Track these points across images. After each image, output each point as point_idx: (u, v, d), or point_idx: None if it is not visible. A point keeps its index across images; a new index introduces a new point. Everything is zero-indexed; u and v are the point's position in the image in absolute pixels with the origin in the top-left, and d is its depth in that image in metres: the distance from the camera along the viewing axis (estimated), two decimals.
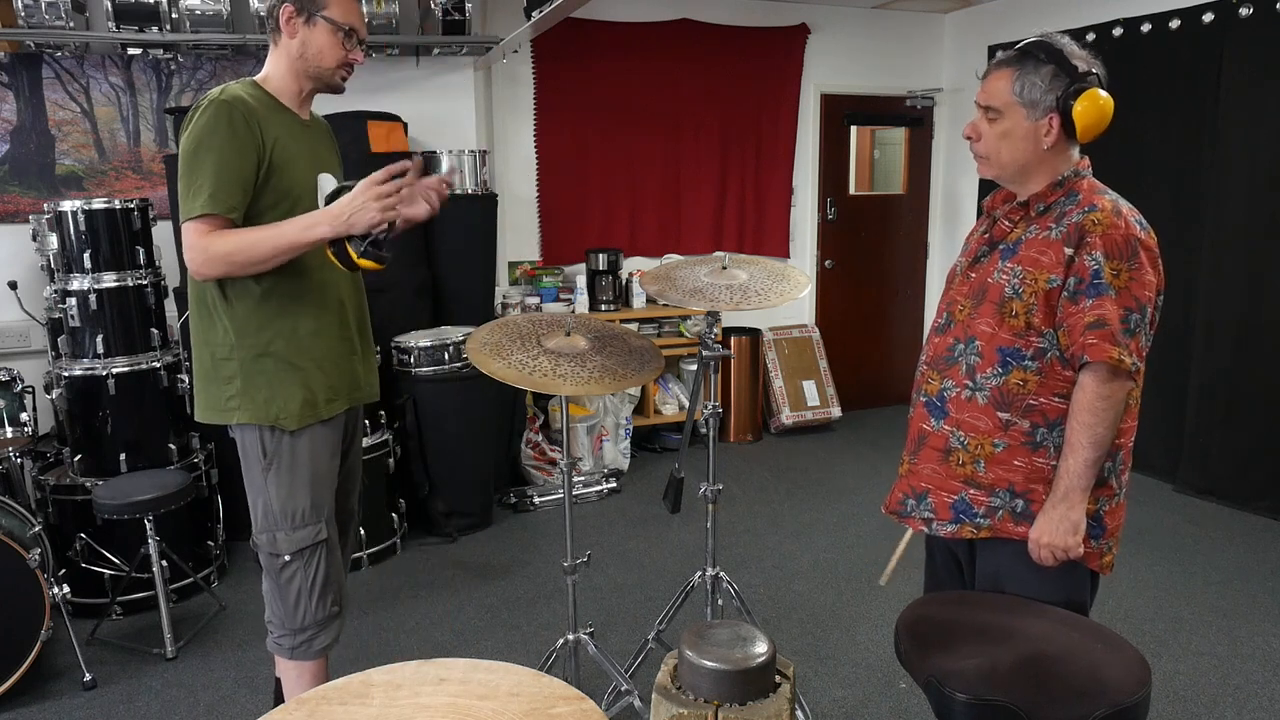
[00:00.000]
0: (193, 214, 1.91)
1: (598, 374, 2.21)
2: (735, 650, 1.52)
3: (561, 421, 2.49)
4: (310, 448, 2.11)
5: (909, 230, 6.34)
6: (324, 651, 2.19)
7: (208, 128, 1.94)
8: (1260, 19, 4.16)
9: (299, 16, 2.04)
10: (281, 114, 2.08)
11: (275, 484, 2.10)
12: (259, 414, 2.06)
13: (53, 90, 4.13)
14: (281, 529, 2.11)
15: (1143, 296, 1.70)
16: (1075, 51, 1.75)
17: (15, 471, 3.56)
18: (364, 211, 1.89)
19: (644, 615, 3.32)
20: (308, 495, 2.11)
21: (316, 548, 2.12)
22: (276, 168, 2.02)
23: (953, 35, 6.11)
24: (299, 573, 2.12)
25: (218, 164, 1.92)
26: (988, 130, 1.81)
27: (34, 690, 2.90)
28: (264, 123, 2.00)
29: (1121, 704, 1.44)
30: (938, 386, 1.88)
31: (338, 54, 2.08)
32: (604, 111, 5.34)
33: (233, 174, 1.93)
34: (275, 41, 2.09)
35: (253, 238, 1.93)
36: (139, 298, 3.42)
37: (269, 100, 2.07)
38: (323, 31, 2.05)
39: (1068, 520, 1.73)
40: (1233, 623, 3.26)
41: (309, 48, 2.06)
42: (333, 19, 2.05)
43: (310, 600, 2.13)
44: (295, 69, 2.09)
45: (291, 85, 2.11)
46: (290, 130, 2.08)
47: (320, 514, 2.13)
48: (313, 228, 1.92)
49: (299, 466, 2.10)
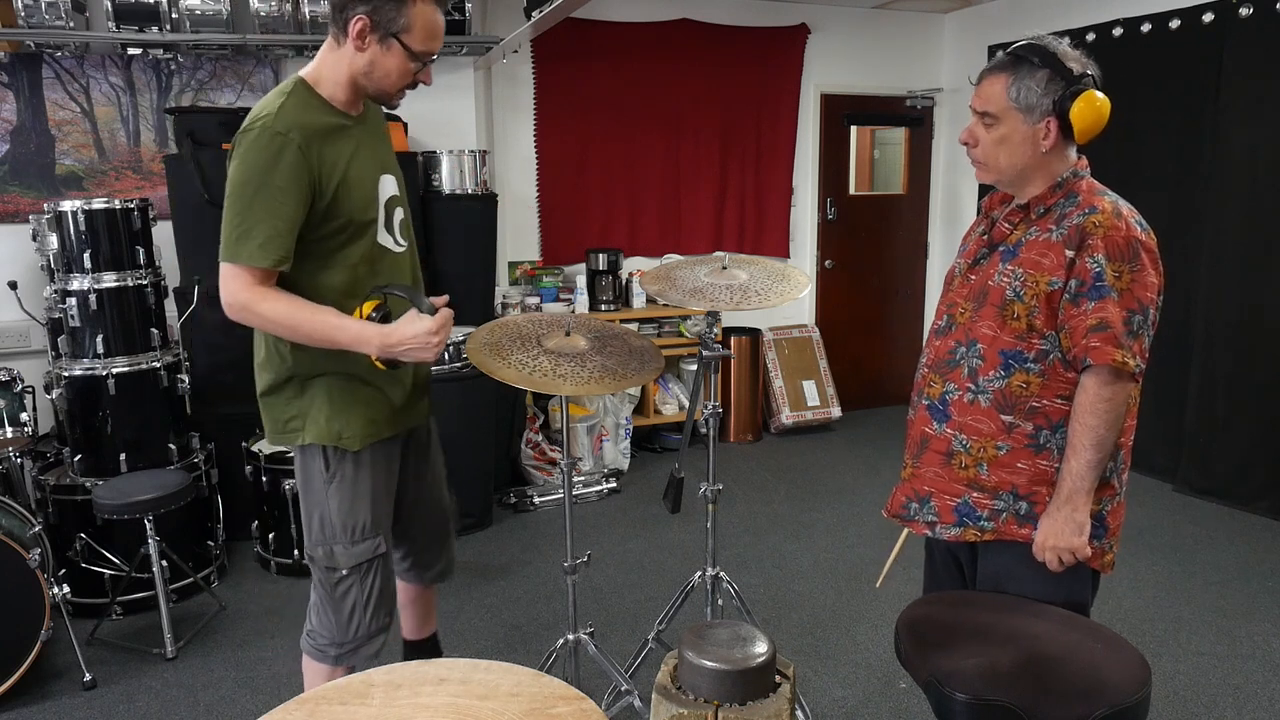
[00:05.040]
0: (239, 259, 1.84)
1: (598, 374, 2.21)
2: (735, 650, 1.52)
3: (561, 421, 2.49)
4: (372, 464, 2.06)
5: (909, 230, 6.35)
6: (373, 659, 2.09)
7: (262, 164, 1.81)
8: (1260, 19, 4.16)
9: (374, 34, 1.85)
10: (337, 122, 1.94)
11: (337, 498, 2.04)
12: (321, 434, 2.00)
13: (53, 90, 4.13)
14: (340, 543, 2.05)
15: (1145, 298, 1.70)
16: (1069, 53, 1.74)
17: (15, 471, 3.56)
18: (418, 353, 1.88)
19: (644, 615, 3.32)
20: (369, 510, 2.05)
21: (375, 562, 2.07)
22: (338, 194, 1.91)
23: (953, 35, 6.11)
24: (354, 587, 2.07)
25: (271, 209, 1.81)
26: (985, 136, 1.80)
27: (34, 690, 2.90)
28: (322, 148, 1.87)
29: (1121, 704, 1.45)
30: (940, 390, 1.88)
31: (406, 79, 1.93)
32: (604, 111, 5.34)
33: (287, 222, 1.83)
34: (338, 44, 1.90)
35: (302, 322, 1.86)
36: (139, 298, 3.41)
37: (324, 107, 1.92)
38: (396, 56, 1.88)
39: (1073, 522, 1.73)
40: (1233, 623, 3.26)
41: (377, 68, 1.89)
42: (410, 45, 1.87)
43: (365, 614, 2.09)
44: (357, 83, 1.93)
45: (347, 94, 1.95)
46: (350, 139, 1.95)
47: (380, 528, 2.08)
48: (362, 343, 1.87)
49: (361, 482, 2.05)
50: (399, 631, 2.50)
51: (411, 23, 1.84)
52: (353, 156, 1.95)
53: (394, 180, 2.08)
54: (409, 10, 1.83)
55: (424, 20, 1.86)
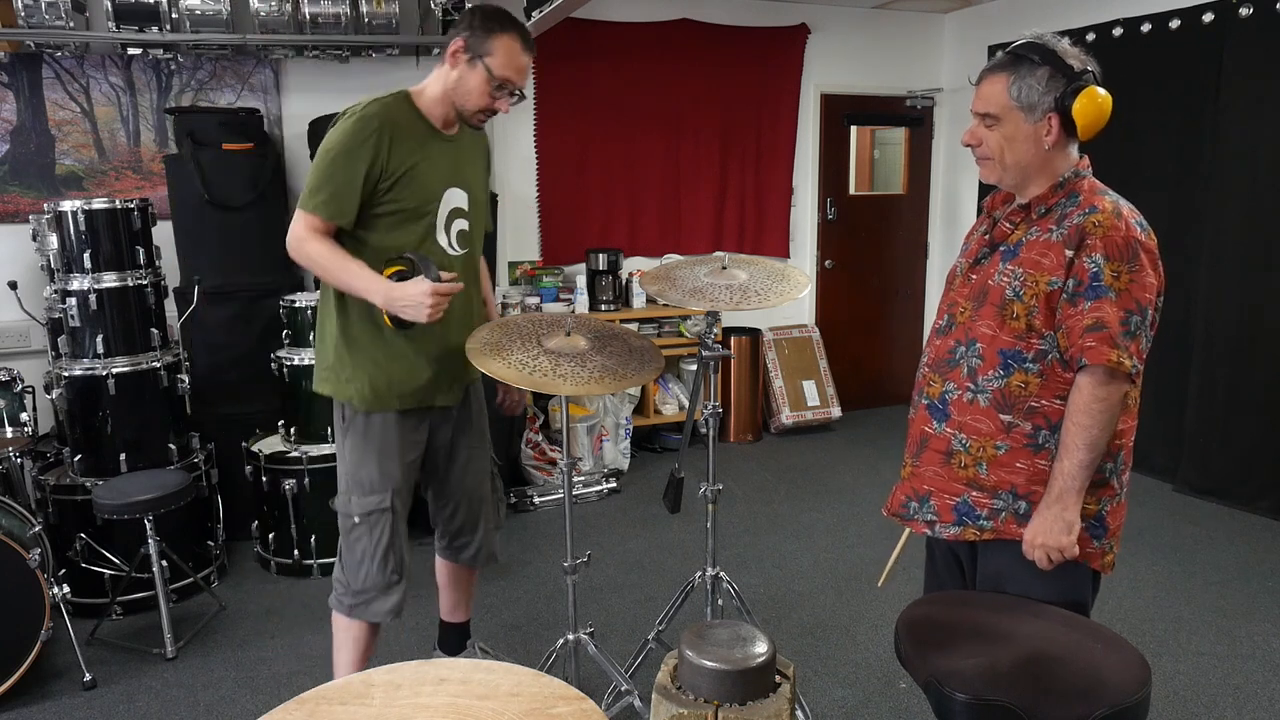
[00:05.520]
0: (307, 208, 2.14)
1: (598, 374, 2.21)
2: (735, 650, 1.52)
3: (561, 421, 2.49)
4: (383, 428, 2.30)
5: (909, 230, 6.35)
6: (382, 617, 2.35)
7: (343, 137, 2.13)
8: (1260, 19, 4.16)
9: (465, 53, 2.19)
10: (423, 131, 2.24)
11: (348, 451, 2.33)
12: (338, 390, 2.30)
13: (53, 90, 4.13)
14: (354, 492, 2.32)
15: (1143, 299, 1.69)
16: (1069, 50, 1.74)
17: (15, 471, 3.56)
18: (413, 310, 2.08)
19: (644, 615, 3.32)
20: (375, 467, 2.30)
21: (382, 514, 2.30)
22: (400, 184, 2.19)
23: (953, 35, 6.11)
24: (364, 536, 2.31)
25: (340, 175, 2.13)
26: (988, 136, 1.80)
27: (34, 690, 2.90)
28: (398, 140, 2.17)
29: (1121, 704, 1.45)
30: (939, 389, 1.88)
31: (484, 100, 2.22)
32: (604, 111, 5.34)
33: (352, 187, 2.14)
34: (441, 62, 2.24)
35: (332, 263, 2.14)
36: (139, 298, 3.42)
37: (415, 115, 2.24)
38: (479, 75, 2.19)
39: (1062, 520, 1.73)
40: (1233, 623, 3.26)
41: (462, 85, 2.21)
42: (491, 68, 2.18)
43: (372, 564, 2.32)
44: (446, 97, 2.24)
45: (440, 108, 2.26)
46: (427, 148, 2.24)
47: (387, 486, 2.30)
48: (369, 292, 2.13)
49: (370, 440, 2.30)
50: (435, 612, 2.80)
51: (495, 49, 2.17)
52: (426, 160, 2.24)
53: (464, 195, 2.35)
54: (495, 39, 2.17)
55: (506, 49, 2.18)
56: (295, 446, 3.74)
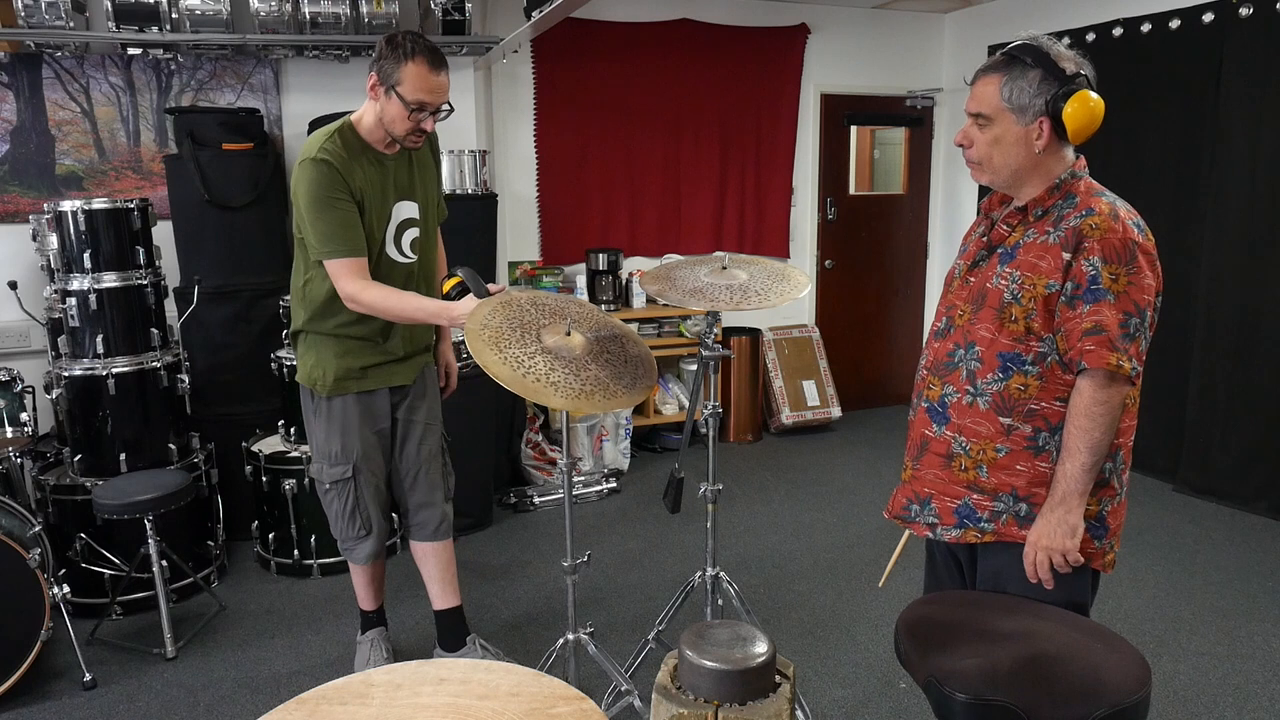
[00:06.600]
0: (330, 256, 2.41)
1: (589, 387, 2.15)
2: (735, 650, 1.52)
3: (561, 421, 2.49)
4: (343, 409, 2.62)
5: (909, 230, 6.34)
6: (362, 560, 2.77)
7: (320, 185, 2.38)
8: (1260, 19, 4.16)
9: (380, 86, 2.39)
10: (365, 156, 2.48)
11: (317, 428, 2.67)
12: (305, 377, 2.64)
13: (53, 90, 4.13)
14: (324, 463, 2.67)
15: (1141, 301, 1.69)
16: (1063, 53, 1.73)
17: (15, 471, 3.56)
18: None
19: (644, 615, 3.33)
20: (339, 442, 2.64)
21: (346, 482, 2.66)
22: (362, 209, 2.47)
23: (953, 35, 6.11)
24: (335, 499, 2.69)
25: (336, 215, 2.40)
26: (979, 137, 1.80)
27: (34, 690, 2.90)
28: (348, 173, 2.41)
29: (1121, 704, 1.45)
30: (939, 392, 1.88)
31: (406, 125, 2.41)
32: (604, 111, 5.34)
33: (352, 218, 2.43)
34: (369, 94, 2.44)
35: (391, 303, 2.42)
36: (139, 297, 3.42)
37: (360, 144, 2.47)
38: (395, 105, 2.38)
39: (1065, 524, 1.73)
40: (1233, 623, 3.26)
41: (385, 115, 2.42)
42: (404, 96, 2.36)
43: (344, 521, 2.71)
44: (379, 125, 2.45)
45: (377, 134, 2.48)
46: (369, 171, 2.48)
47: (349, 458, 2.64)
48: (435, 317, 2.39)
49: (334, 420, 2.63)
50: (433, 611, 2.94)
51: (403, 77, 2.34)
52: (369, 181, 2.47)
53: (414, 206, 2.61)
54: (402, 68, 2.34)
55: (412, 75, 2.34)
56: (295, 446, 3.74)
